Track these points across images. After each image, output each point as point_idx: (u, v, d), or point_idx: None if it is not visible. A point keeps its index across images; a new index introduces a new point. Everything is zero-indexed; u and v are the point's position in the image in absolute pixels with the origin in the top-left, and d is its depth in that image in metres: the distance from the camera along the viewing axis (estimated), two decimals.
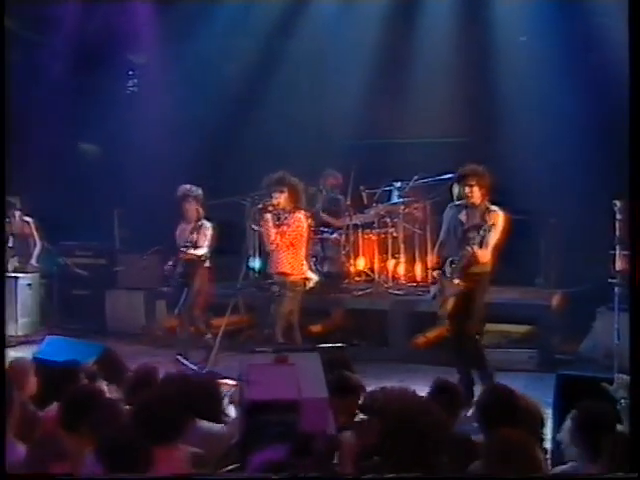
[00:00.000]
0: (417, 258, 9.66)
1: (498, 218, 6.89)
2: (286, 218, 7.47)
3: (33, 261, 10.12)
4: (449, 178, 8.90)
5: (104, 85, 11.76)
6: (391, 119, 10.84)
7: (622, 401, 4.26)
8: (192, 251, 8.21)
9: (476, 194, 6.96)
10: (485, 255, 6.82)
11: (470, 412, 4.77)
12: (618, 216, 6.15)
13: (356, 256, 9.59)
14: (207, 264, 8.33)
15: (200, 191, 8.35)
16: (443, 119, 10.58)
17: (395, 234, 9.63)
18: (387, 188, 9.69)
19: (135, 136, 11.38)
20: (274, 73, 11.31)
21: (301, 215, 7.56)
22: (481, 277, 6.96)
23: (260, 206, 7.56)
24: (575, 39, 9.47)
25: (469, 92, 10.44)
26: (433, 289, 7.37)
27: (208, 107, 11.08)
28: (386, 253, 9.61)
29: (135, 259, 10.23)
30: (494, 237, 6.86)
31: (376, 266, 9.58)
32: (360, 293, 9.33)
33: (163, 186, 9.69)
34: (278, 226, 7.45)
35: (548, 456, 4.12)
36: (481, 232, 6.80)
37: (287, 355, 3.73)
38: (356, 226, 9.56)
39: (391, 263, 9.58)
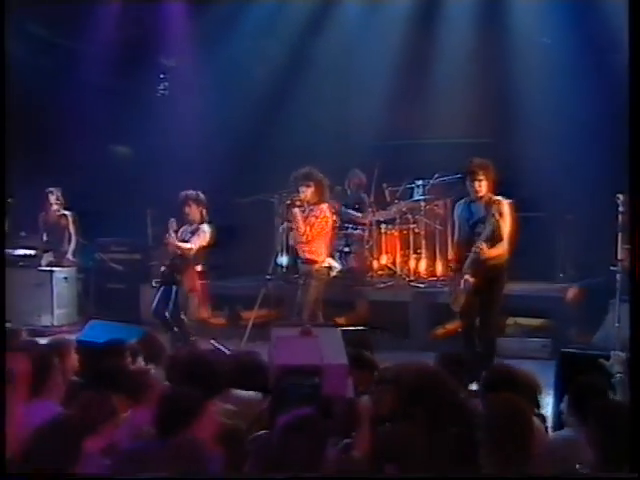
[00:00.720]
0: (438, 253, 10.06)
1: (503, 207, 7.17)
2: (312, 210, 7.96)
3: (69, 255, 10.59)
4: None
5: (138, 87, 12.27)
6: (414, 120, 11.17)
7: (617, 375, 4.65)
8: (183, 245, 8.31)
9: (484, 188, 7.29)
10: (496, 249, 7.08)
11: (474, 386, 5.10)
12: (621, 208, 6.54)
13: (379, 251, 10.01)
14: (199, 267, 8.41)
15: (202, 195, 8.46)
16: (463, 120, 10.86)
17: (417, 230, 10.06)
18: (409, 186, 10.11)
19: (167, 137, 11.84)
20: (301, 74, 11.67)
21: (326, 207, 8.02)
22: (495, 271, 7.19)
23: (288, 202, 8.04)
24: (597, 41, 9.71)
25: (490, 93, 10.75)
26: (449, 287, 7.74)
27: (236, 108, 11.50)
28: (408, 248, 10.03)
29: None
30: (503, 228, 7.16)
31: (398, 260, 10.01)
32: (382, 286, 9.74)
33: (194, 186, 10.18)
34: (306, 218, 7.92)
35: (547, 424, 4.52)
36: (488, 225, 7.10)
37: (311, 328, 4.17)
38: (379, 222, 10.00)
39: (413, 258, 9.99)
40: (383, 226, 10.02)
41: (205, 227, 8.40)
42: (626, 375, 4.48)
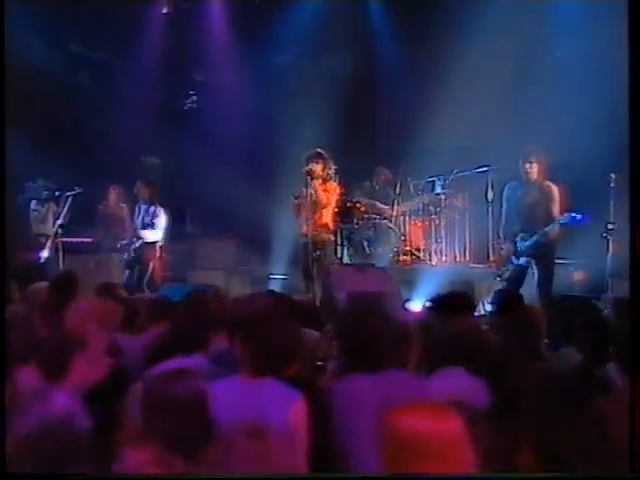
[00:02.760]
0: (457, 241, 11.26)
1: (554, 191, 8.24)
2: (321, 184, 9.25)
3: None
4: (484, 171, 10.51)
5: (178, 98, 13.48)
6: (437, 126, 12.13)
7: (605, 311, 5.79)
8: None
9: (535, 170, 8.38)
10: (554, 233, 8.17)
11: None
12: (612, 184, 7.71)
13: (404, 239, 11.17)
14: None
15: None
16: (479, 125, 11.82)
17: (437, 222, 11.24)
18: (429, 180, 11.28)
19: (201, 148, 12.95)
20: (331, 87, 12.65)
21: (334, 184, 9.35)
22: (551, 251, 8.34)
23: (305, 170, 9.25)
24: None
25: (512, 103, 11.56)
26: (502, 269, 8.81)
27: (269, 111, 12.66)
28: (430, 238, 11.22)
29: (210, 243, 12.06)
30: (555, 211, 8.28)
31: (422, 247, 11.19)
32: (408, 268, 10.86)
33: (226, 187, 11.49)
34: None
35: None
36: (541, 209, 8.10)
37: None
38: (404, 213, 11.20)
39: (434, 245, 11.18)
40: (408, 216, 11.22)
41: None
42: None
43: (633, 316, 3.77)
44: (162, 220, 10.52)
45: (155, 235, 10.51)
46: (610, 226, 8.20)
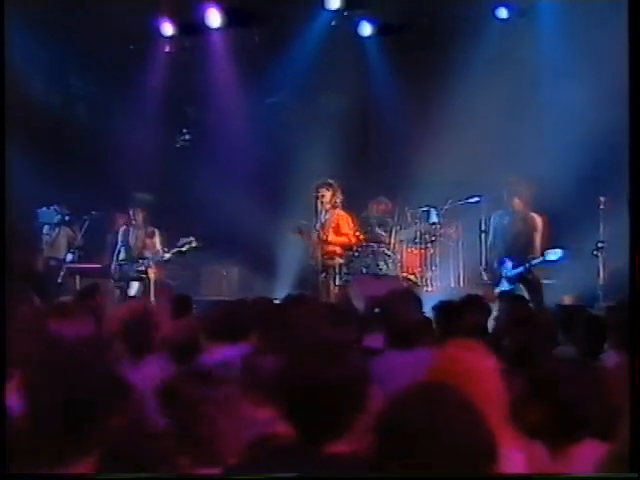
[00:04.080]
0: (451, 269, 11.79)
1: (540, 223, 8.85)
2: (327, 210, 10.17)
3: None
4: (476, 201, 11.08)
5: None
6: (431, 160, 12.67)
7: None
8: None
9: (517, 202, 8.96)
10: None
11: None
12: (601, 206, 8.31)
13: (401, 266, 11.66)
14: None
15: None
16: (471, 157, 12.34)
17: (432, 250, 11.76)
18: (425, 209, 11.82)
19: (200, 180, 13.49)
20: (329, 124, 13.33)
21: (341, 211, 10.27)
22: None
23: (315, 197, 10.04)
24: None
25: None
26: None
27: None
28: (426, 265, 11.73)
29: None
30: (537, 241, 8.83)
31: (417, 274, 11.68)
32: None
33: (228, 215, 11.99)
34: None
35: None
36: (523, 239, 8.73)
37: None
38: (401, 241, 11.73)
39: (429, 273, 11.69)
40: (405, 245, 11.74)
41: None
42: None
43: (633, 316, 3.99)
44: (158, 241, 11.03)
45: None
46: (600, 244, 8.80)
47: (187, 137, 15.41)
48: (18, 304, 4.85)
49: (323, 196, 9.97)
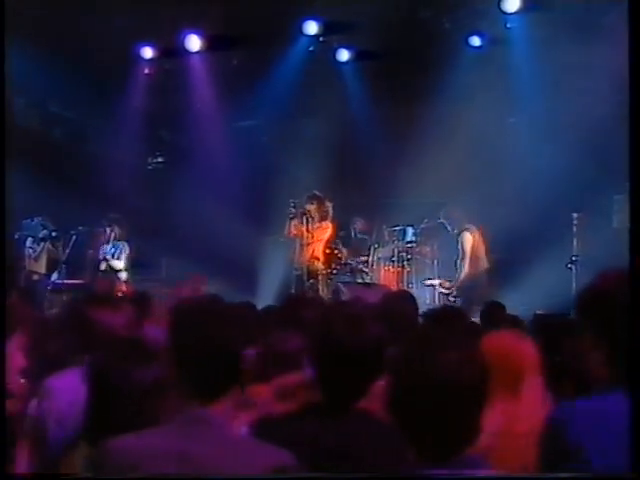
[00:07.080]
0: (427, 285, 12.09)
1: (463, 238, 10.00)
2: (314, 221, 10.63)
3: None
4: None
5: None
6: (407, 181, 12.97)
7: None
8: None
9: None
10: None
11: None
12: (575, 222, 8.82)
13: (378, 283, 11.94)
14: None
15: None
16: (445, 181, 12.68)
17: (408, 268, 12.07)
18: (400, 228, 12.13)
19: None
20: (300, 149, 13.59)
21: (326, 222, 10.72)
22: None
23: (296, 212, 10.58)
24: None
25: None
26: None
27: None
28: (402, 282, 12.02)
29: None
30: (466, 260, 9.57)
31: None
32: None
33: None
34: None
35: None
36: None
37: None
38: (379, 259, 12.03)
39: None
40: (382, 262, 12.04)
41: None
42: None
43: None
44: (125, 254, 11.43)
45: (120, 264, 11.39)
46: (574, 258, 9.30)
47: (160, 159, 15.67)
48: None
49: (309, 209, 10.39)
